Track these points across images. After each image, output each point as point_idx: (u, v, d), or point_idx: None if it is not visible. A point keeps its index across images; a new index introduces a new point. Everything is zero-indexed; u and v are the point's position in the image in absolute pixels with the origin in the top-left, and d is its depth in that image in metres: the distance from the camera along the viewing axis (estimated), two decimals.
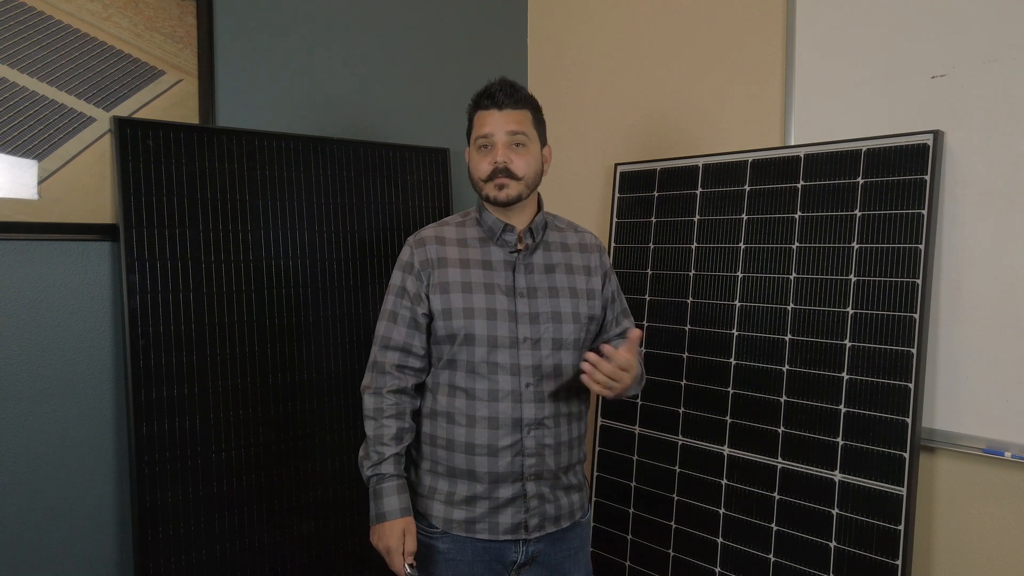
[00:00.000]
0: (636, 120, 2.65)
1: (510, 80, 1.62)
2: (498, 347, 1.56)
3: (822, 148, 2.04)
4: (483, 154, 1.61)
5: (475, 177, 1.64)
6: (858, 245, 1.93)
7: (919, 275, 1.81)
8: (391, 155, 2.50)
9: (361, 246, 2.39)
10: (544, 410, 1.58)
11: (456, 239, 1.64)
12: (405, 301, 1.64)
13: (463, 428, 1.57)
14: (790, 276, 2.08)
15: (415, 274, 1.63)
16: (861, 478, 1.88)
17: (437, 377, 1.64)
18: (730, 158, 2.24)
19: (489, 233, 1.64)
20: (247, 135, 2.19)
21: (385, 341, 1.65)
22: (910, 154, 1.86)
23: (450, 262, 1.61)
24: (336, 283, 2.31)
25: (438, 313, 1.60)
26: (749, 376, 2.14)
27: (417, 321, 1.63)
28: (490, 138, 1.59)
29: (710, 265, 2.27)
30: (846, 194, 1.97)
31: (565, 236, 1.72)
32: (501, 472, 1.57)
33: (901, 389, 1.84)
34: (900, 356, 1.84)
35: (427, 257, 1.63)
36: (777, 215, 2.11)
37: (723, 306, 2.23)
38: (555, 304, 1.61)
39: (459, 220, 1.69)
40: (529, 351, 1.58)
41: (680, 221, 2.35)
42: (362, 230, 2.41)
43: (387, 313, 1.67)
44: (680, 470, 2.32)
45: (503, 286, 1.60)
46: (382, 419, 1.61)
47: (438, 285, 1.60)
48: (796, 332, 2.04)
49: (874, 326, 1.88)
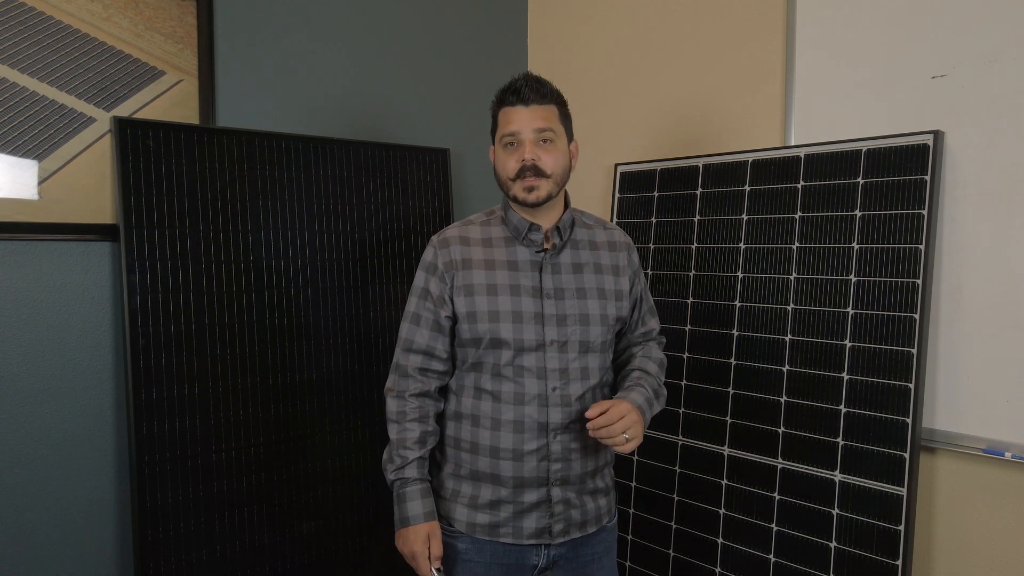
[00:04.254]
0: (636, 120, 2.63)
1: (535, 75, 1.57)
2: (524, 350, 1.53)
3: (822, 148, 2.03)
4: (509, 152, 1.56)
5: (502, 176, 1.58)
6: (858, 245, 1.92)
7: (919, 275, 1.81)
8: (391, 155, 2.49)
9: (361, 246, 2.38)
10: (571, 414, 1.55)
11: (481, 239, 1.60)
12: (428, 303, 1.60)
13: (488, 431, 1.54)
14: (790, 276, 2.07)
15: (439, 276, 1.59)
16: (861, 478, 1.88)
17: (462, 379, 1.61)
18: (730, 158, 2.23)
19: (515, 232, 1.60)
20: (247, 135, 2.18)
21: (408, 344, 1.62)
22: (910, 154, 1.86)
23: (475, 263, 1.57)
24: (336, 283, 2.30)
25: (463, 316, 1.56)
26: (749, 376, 2.13)
27: (440, 324, 1.59)
28: (517, 136, 1.54)
29: (710, 265, 2.25)
30: (846, 194, 1.96)
31: (593, 233, 1.68)
32: (527, 476, 1.54)
33: (901, 389, 1.83)
34: (900, 356, 1.83)
35: (451, 258, 1.59)
36: (777, 215, 2.11)
37: (723, 306, 2.22)
38: (583, 306, 1.57)
39: (484, 219, 1.65)
40: (556, 354, 1.54)
41: (680, 221, 2.34)
42: (362, 231, 2.39)
43: (410, 315, 1.63)
44: (680, 470, 2.31)
45: (529, 287, 1.56)
46: (405, 422, 1.58)
47: (463, 287, 1.57)
48: (796, 332, 2.04)
49: (874, 326, 1.87)
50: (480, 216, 1.67)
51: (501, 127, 1.57)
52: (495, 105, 1.59)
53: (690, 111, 2.45)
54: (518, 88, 1.53)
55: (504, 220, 1.62)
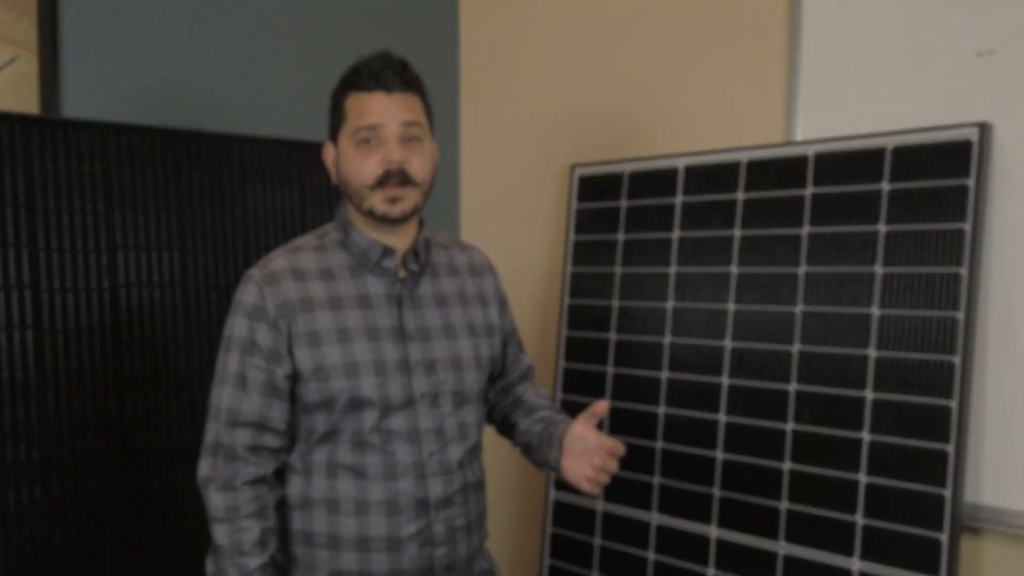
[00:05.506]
0: (599, 109, 2.52)
1: (396, 54, 1.51)
2: (392, 409, 1.46)
3: (837, 145, 1.94)
4: (366, 151, 1.46)
5: (355, 183, 1.47)
6: (882, 269, 1.83)
7: (960, 307, 1.72)
8: (287, 154, 2.32)
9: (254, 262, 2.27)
10: (453, 483, 1.50)
11: (318, 270, 1.50)
12: (256, 359, 1.46)
13: (351, 518, 1.45)
14: (795, 309, 1.97)
15: (269, 322, 1.46)
16: (886, 566, 1.78)
17: (309, 455, 1.50)
18: (719, 158, 2.13)
19: (362, 259, 1.51)
20: (101, 128, 2.02)
21: (233, 415, 1.47)
22: (949, 152, 1.77)
23: (316, 303, 1.47)
24: (215, 317, 2.14)
25: (308, 373, 1.45)
26: (743, 436, 2.03)
27: (276, 386, 1.47)
28: (378, 130, 1.44)
29: (694, 295, 2.15)
30: (867, 204, 1.88)
31: (451, 256, 1.63)
32: (405, 569, 1.46)
33: (937, 453, 1.73)
34: (936, 411, 1.74)
35: (285, 298, 1.46)
36: (779, 231, 2.02)
37: (710, 348, 2.11)
38: (453, 347, 1.53)
39: (316, 243, 1.55)
40: (428, 410, 1.49)
41: (656, 239, 2.24)
42: (248, 249, 2.24)
43: (231, 376, 1.48)
44: (655, 557, 2.17)
45: (388, 328, 1.49)
46: (239, 521, 1.43)
47: (304, 336, 1.45)
48: (803, 381, 1.94)
49: (903, 373, 1.79)
50: (310, 240, 1.57)
51: (352, 118, 1.48)
52: (340, 90, 1.51)
53: (668, 98, 2.36)
54: (377, 71, 1.46)
55: (344, 243, 1.54)
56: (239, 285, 1.50)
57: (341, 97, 1.50)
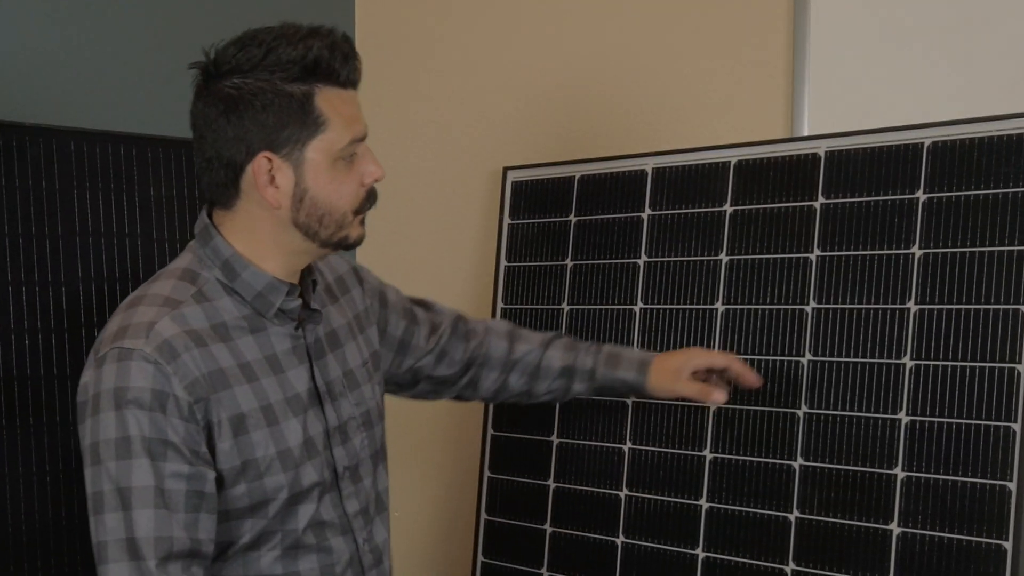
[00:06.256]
0: (541, 95, 2.29)
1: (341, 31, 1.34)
2: (324, 496, 1.37)
3: (855, 141, 1.71)
4: (343, 169, 1.31)
5: (338, 210, 1.33)
6: (916, 306, 1.60)
7: (1021, 358, 1.52)
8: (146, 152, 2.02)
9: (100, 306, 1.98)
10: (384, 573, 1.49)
11: (210, 326, 1.30)
12: (175, 464, 1.25)
13: None
14: (803, 358, 1.72)
15: (181, 412, 1.25)
16: None
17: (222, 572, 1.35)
18: (701, 157, 1.90)
19: (261, 305, 1.33)
20: None
21: (163, 547, 1.23)
22: (1006, 151, 1.55)
23: (230, 376, 1.29)
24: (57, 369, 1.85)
25: (233, 473, 1.29)
26: (731, 528, 1.78)
27: (203, 494, 1.28)
28: (361, 141, 1.34)
29: (668, 340, 1.90)
30: (897, 218, 1.66)
31: (321, 275, 1.51)
32: None
33: (990, 550, 1.54)
34: (987, 494, 1.54)
35: (196, 375, 1.26)
36: (780, 255, 1.78)
37: (688, 409, 1.85)
38: (359, 399, 1.44)
39: (193, 291, 1.32)
40: (351, 487, 1.41)
41: (616, 264, 1.99)
42: (100, 278, 1.95)
43: (141, 494, 1.23)
44: None
45: (304, 393, 1.36)
46: None
47: (228, 423, 1.28)
48: (812, 455, 1.70)
49: (944, 444, 1.59)
50: (180, 287, 1.33)
51: (337, 126, 1.29)
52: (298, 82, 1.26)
53: (633, 80, 2.15)
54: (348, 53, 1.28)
55: (229, 288, 1.34)
56: (106, 366, 1.23)
57: (304, 92, 1.26)
